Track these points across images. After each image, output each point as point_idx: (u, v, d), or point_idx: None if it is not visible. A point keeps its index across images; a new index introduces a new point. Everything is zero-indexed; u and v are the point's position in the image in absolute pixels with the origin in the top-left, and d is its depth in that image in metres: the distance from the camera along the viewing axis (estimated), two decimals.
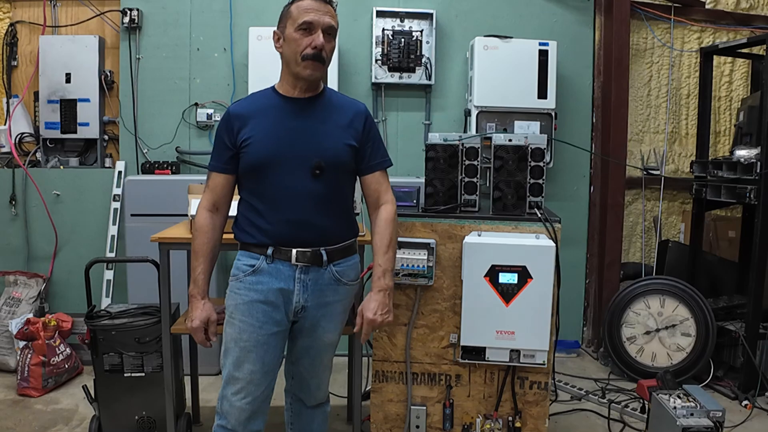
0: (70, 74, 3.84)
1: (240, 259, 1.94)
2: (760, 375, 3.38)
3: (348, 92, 3.96)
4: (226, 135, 1.91)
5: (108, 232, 3.82)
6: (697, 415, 2.45)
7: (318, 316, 1.96)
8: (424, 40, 3.96)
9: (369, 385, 2.58)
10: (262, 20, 3.85)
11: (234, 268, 1.95)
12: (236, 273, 1.93)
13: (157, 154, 3.93)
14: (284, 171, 1.86)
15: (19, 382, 3.31)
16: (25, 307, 3.68)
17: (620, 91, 4.05)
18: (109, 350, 2.69)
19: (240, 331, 1.91)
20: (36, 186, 3.81)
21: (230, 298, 1.94)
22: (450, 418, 2.49)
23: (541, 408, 2.48)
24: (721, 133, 4.50)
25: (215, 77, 3.93)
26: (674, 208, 4.53)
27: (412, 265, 2.35)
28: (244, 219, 1.93)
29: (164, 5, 3.91)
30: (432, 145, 2.43)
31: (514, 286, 2.31)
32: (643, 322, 3.67)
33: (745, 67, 4.44)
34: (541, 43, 3.84)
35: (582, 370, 3.88)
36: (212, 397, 3.30)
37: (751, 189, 3.39)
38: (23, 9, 3.97)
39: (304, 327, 1.98)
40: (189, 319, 1.94)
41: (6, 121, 3.87)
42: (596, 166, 4.23)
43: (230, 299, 1.94)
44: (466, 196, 2.45)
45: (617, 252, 4.10)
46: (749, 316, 3.45)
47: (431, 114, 4.10)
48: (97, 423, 2.75)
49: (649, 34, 4.34)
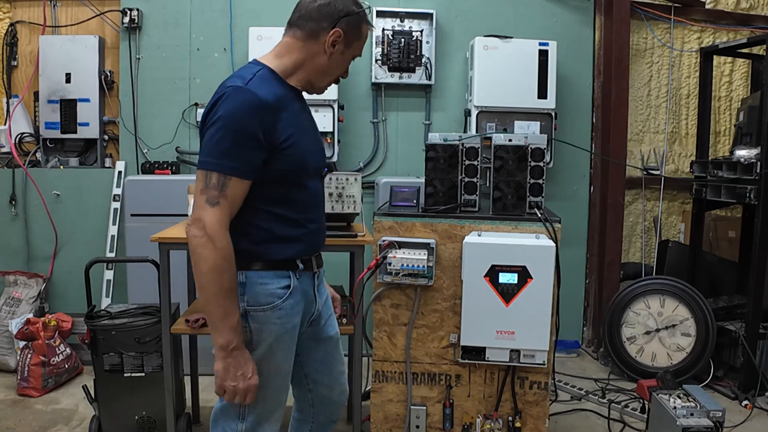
0: (70, 74, 3.84)
1: (266, 282, 1.64)
2: (760, 375, 3.38)
3: (348, 92, 3.97)
4: (260, 130, 1.52)
5: (108, 232, 3.82)
6: (697, 415, 2.45)
7: (326, 317, 1.93)
8: (424, 40, 3.96)
9: (369, 385, 2.58)
10: (262, 20, 3.85)
11: (263, 295, 1.63)
12: (271, 301, 1.64)
13: (157, 154, 3.93)
14: (315, 173, 1.73)
15: (19, 382, 3.31)
16: (25, 307, 3.68)
17: (620, 91, 4.05)
18: (109, 350, 2.69)
19: (282, 361, 1.71)
20: (36, 186, 3.81)
21: (266, 330, 1.64)
22: (450, 418, 2.49)
23: (541, 408, 2.48)
24: (721, 133, 4.50)
25: (215, 77, 3.92)
26: (674, 208, 4.53)
27: (412, 265, 2.35)
28: (264, 232, 1.63)
29: (164, 5, 3.91)
30: (432, 145, 2.43)
31: (514, 286, 2.31)
32: (643, 322, 3.67)
33: (745, 67, 4.44)
34: (541, 43, 3.84)
35: (582, 370, 3.88)
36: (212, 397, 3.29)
37: (751, 189, 3.38)
38: (23, 9, 3.96)
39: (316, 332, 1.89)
40: (242, 377, 1.57)
41: (6, 121, 3.87)
42: (596, 166, 4.23)
43: (266, 332, 1.64)
44: (466, 196, 2.45)
45: (617, 252, 4.10)
46: (749, 316, 3.45)
47: (431, 114, 4.10)
48: (97, 423, 2.75)
49: (649, 34, 4.34)
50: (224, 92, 1.54)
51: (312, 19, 1.63)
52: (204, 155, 1.54)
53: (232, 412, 1.69)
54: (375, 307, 2.45)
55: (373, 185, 4.00)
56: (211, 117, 1.54)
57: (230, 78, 1.61)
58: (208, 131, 1.54)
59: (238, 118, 1.51)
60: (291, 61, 1.66)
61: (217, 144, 1.52)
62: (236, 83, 1.55)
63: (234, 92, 1.53)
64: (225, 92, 1.54)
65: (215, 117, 1.53)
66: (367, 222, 2.86)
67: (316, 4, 1.63)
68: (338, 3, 1.63)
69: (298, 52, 1.66)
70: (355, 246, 2.49)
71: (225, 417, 1.70)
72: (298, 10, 1.67)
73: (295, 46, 1.66)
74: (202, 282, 1.53)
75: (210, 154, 1.53)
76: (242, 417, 1.68)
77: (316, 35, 1.64)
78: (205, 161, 1.53)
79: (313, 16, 1.63)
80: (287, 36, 1.68)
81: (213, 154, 1.52)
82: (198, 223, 1.51)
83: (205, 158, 1.54)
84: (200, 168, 1.54)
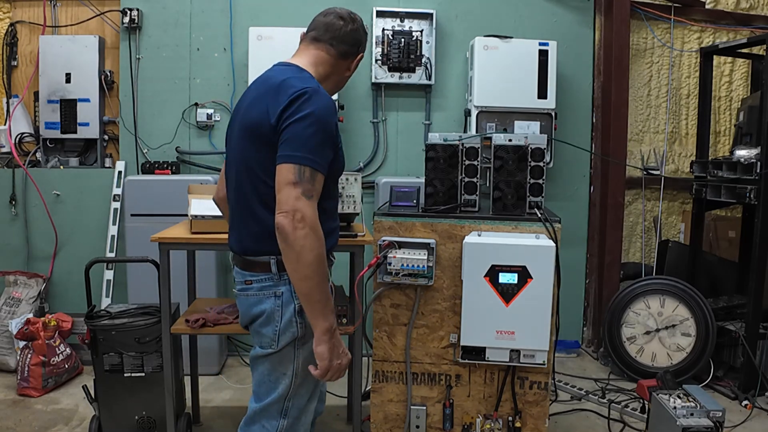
0: (70, 74, 3.84)
1: None
2: (760, 375, 3.38)
3: (348, 92, 3.97)
4: (336, 131, 1.69)
5: (108, 232, 3.82)
6: (697, 415, 2.45)
7: None
8: (424, 40, 3.96)
9: (369, 385, 2.58)
10: (262, 20, 3.85)
11: None
12: None
13: (157, 154, 3.93)
14: None
15: (19, 382, 3.31)
16: (25, 307, 3.68)
17: (620, 91, 4.06)
18: (109, 350, 2.69)
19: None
20: (36, 186, 3.81)
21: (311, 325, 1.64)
22: (450, 418, 2.49)
23: (541, 408, 2.48)
24: (721, 133, 4.50)
25: (215, 77, 3.93)
26: (674, 208, 4.53)
27: (412, 265, 2.35)
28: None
29: (164, 5, 3.91)
30: (432, 145, 2.43)
31: (514, 286, 2.31)
32: (643, 322, 3.67)
33: (745, 67, 4.44)
34: (541, 43, 3.84)
35: (582, 370, 3.88)
36: (212, 397, 3.30)
37: (751, 189, 3.39)
38: (23, 9, 3.96)
39: None
40: (344, 353, 1.66)
41: (6, 121, 3.87)
42: (596, 166, 4.23)
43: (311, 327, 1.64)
44: (466, 196, 2.45)
45: (617, 252, 4.11)
46: (749, 316, 3.46)
47: (431, 114, 4.10)
48: (97, 423, 2.75)
49: (649, 34, 4.34)
50: (304, 91, 1.63)
51: (345, 43, 1.83)
52: (295, 149, 1.59)
53: (274, 410, 1.73)
54: (375, 307, 2.45)
55: (373, 185, 4.00)
56: (294, 113, 1.60)
57: (291, 79, 1.68)
58: (294, 126, 1.60)
59: (325, 117, 1.63)
60: (324, 72, 1.83)
61: (308, 139, 1.59)
62: (312, 84, 1.67)
63: (316, 93, 1.64)
64: (305, 92, 1.63)
65: (304, 113, 1.60)
66: (367, 222, 2.87)
67: (348, 29, 1.83)
68: (360, 29, 1.87)
69: (330, 66, 1.84)
70: (355, 246, 2.49)
71: (267, 416, 1.74)
72: (329, 30, 1.82)
73: (329, 61, 1.83)
74: (307, 272, 1.56)
75: (302, 149, 1.59)
76: (285, 413, 1.74)
77: (346, 56, 1.85)
78: (299, 156, 1.58)
79: (347, 40, 1.83)
80: (320, 50, 1.82)
81: (305, 149, 1.59)
82: (297, 214, 1.54)
83: (298, 152, 1.59)
84: (293, 162, 1.58)
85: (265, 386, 1.74)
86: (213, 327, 2.55)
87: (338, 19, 1.84)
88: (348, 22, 1.84)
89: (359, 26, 1.87)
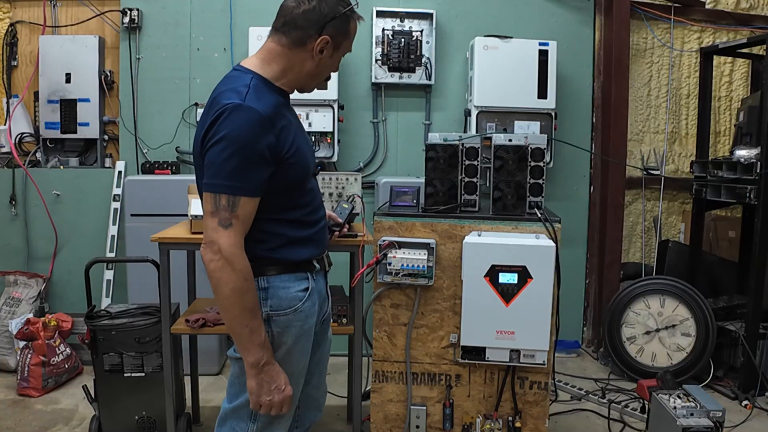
0: (70, 74, 3.84)
1: (288, 285, 1.63)
2: (760, 375, 3.38)
3: (348, 92, 3.97)
4: (267, 148, 1.49)
5: (108, 232, 3.82)
6: (697, 415, 2.45)
7: (328, 315, 1.92)
8: (424, 40, 3.96)
9: (369, 385, 2.58)
10: (262, 20, 3.84)
11: (286, 299, 1.63)
12: (293, 304, 1.63)
13: (157, 154, 3.93)
14: (312, 174, 1.73)
15: (19, 382, 3.31)
16: (25, 307, 3.68)
17: (620, 91, 4.05)
18: (109, 350, 2.69)
19: (298, 362, 1.70)
20: (36, 186, 3.81)
21: (286, 334, 1.63)
22: (450, 418, 2.49)
23: (541, 408, 2.47)
24: (721, 133, 4.50)
25: (215, 77, 3.82)
26: (674, 208, 4.53)
27: (412, 265, 2.35)
28: (278, 238, 1.62)
29: (164, 5, 3.91)
30: (432, 145, 2.43)
31: (514, 286, 2.31)
32: (643, 322, 3.67)
33: (745, 67, 4.44)
34: (541, 43, 3.84)
35: (582, 370, 3.88)
36: (212, 397, 3.30)
37: (751, 189, 3.38)
38: (23, 9, 3.96)
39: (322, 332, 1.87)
40: (277, 390, 1.58)
41: (6, 121, 3.87)
42: (596, 166, 4.23)
43: (286, 335, 1.63)
44: (466, 196, 2.45)
45: (617, 252, 4.11)
46: (749, 316, 3.45)
47: (431, 114, 4.10)
48: (97, 423, 2.75)
49: (649, 34, 4.34)
50: (223, 110, 1.48)
51: (297, 27, 1.58)
52: (210, 177, 1.49)
53: (244, 413, 1.67)
54: (375, 307, 2.45)
55: (373, 185, 4.00)
56: (212, 136, 1.48)
57: (223, 93, 1.53)
58: (210, 151, 1.49)
59: (243, 136, 1.46)
60: (279, 68, 1.61)
61: (222, 165, 1.47)
62: (234, 100, 1.48)
63: (234, 110, 1.47)
64: (224, 110, 1.47)
65: (218, 137, 1.47)
66: (367, 222, 2.87)
67: (300, 10, 1.57)
68: (323, 6, 1.57)
69: (286, 59, 1.61)
70: (355, 246, 2.49)
71: (236, 417, 1.68)
72: (282, 15, 1.60)
73: (282, 53, 1.60)
74: (225, 305, 1.51)
75: (217, 176, 1.48)
76: (254, 418, 1.67)
77: (302, 43, 1.59)
78: (212, 183, 1.49)
79: (299, 23, 1.57)
80: (273, 42, 1.61)
81: (220, 176, 1.48)
82: (213, 246, 1.49)
83: (213, 180, 1.49)
84: (208, 191, 1.50)
85: (235, 388, 1.68)
86: (213, 327, 2.54)
87: (291, 0, 1.59)
88: (301, 3, 1.57)
89: (318, 3, 1.56)
